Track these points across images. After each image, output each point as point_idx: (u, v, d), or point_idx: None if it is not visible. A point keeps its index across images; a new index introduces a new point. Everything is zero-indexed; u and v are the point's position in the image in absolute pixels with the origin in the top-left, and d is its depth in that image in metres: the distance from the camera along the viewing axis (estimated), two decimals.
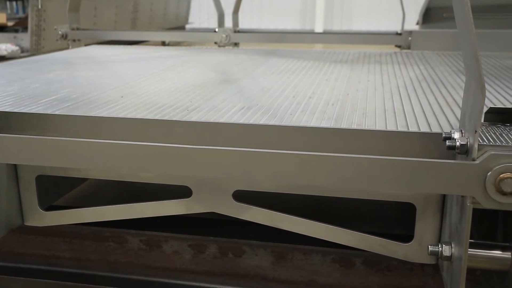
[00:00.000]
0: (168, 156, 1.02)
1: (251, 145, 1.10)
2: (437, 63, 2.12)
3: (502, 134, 0.93)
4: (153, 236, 1.41)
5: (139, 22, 5.06)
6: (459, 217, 0.93)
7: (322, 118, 1.22)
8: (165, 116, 1.24)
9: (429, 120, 1.19)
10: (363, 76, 1.82)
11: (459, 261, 0.92)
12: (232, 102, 1.40)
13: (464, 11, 0.83)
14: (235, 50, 2.89)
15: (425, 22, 3.24)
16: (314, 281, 1.33)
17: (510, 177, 0.84)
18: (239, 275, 1.32)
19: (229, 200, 1.13)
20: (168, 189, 1.32)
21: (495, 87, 1.57)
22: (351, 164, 0.93)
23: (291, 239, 1.34)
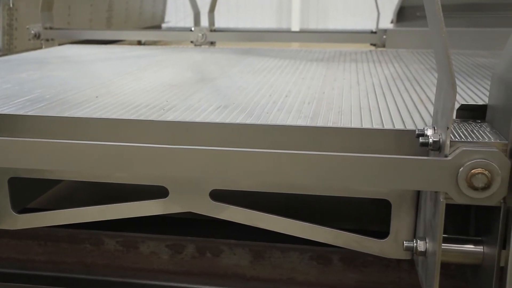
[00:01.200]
0: (143, 156, 1.01)
1: (227, 144, 1.10)
2: (411, 61, 2.15)
3: (473, 130, 0.95)
4: (130, 237, 1.40)
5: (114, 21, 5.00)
6: (432, 212, 0.95)
7: (298, 117, 1.23)
8: (141, 116, 1.23)
9: (404, 118, 1.21)
10: (339, 75, 1.84)
11: (433, 256, 0.93)
12: (208, 101, 1.40)
13: (434, 10, 0.84)
14: (211, 49, 2.88)
15: (399, 21, 3.28)
16: (293, 279, 1.34)
17: (481, 173, 0.86)
18: (217, 275, 1.32)
19: (206, 200, 1.13)
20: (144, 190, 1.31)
21: (468, 84, 1.60)
22: (327, 162, 0.93)
23: (269, 237, 1.35)
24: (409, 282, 1.35)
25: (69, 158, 1.03)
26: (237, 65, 2.09)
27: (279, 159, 0.96)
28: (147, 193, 1.32)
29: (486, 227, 0.95)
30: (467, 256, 0.98)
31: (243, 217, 1.14)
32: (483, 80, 1.64)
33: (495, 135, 0.91)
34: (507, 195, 0.87)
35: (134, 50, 2.65)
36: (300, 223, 1.11)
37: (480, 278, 0.97)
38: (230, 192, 1.15)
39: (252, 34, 3.36)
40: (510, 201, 0.87)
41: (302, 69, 1.98)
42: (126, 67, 2.02)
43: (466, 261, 0.99)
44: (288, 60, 2.21)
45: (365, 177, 0.91)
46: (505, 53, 0.97)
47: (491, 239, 0.92)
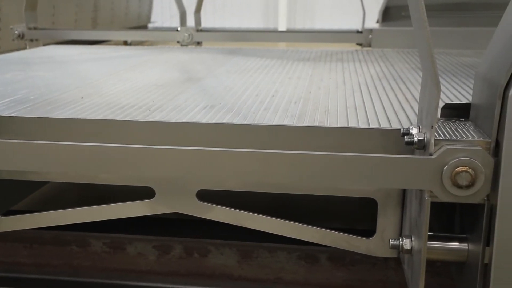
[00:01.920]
0: (129, 157, 1.01)
1: (214, 144, 1.10)
2: (396, 61, 2.16)
3: (457, 129, 0.96)
4: (116, 239, 1.39)
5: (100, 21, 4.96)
6: (418, 211, 0.96)
7: (284, 116, 1.23)
8: (127, 116, 1.23)
9: (389, 117, 1.22)
10: (325, 74, 1.84)
11: (419, 253, 0.94)
12: (195, 101, 1.39)
13: (418, 10, 0.85)
14: (197, 49, 2.88)
15: (384, 21, 3.30)
16: (280, 278, 1.34)
17: (465, 171, 0.87)
18: (205, 275, 1.32)
19: (193, 200, 1.12)
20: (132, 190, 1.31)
21: (452, 83, 1.62)
22: (313, 161, 0.94)
23: (256, 237, 1.35)
24: (395, 280, 1.36)
25: (55, 159, 1.02)
26: (223, 65, 2.09)
27: (265, 159, 0.96)
28: (134, 193, 1.32)
29: (470, 224, 0.96)
30: (452, 254, 0.99)
31: (230, 217, 1.14)
32: (468, 79, 1.66)
33: (478, 134, 0.92)
34: (491, 193, 0.88)
35: (120, 50, 2.64)
36: (287, 223, 1.11)
37: (465, 275, 0.98)
38: (217, 192, 1.15)
39: (239, 34, 3.36)
40: (493, 199, 0.88)
41: (289, 68, 1.99)
42: (112, 68, 2.01)
43: (451, 258, 1.00)
44: (275, 60, 2.21)
45: (350, 176, 0.92)
46: (487, 53, 0.98)
47: (476, 236, 0.93)
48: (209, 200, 1.13)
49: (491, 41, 0.97)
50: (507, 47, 0.88)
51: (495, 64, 0.91)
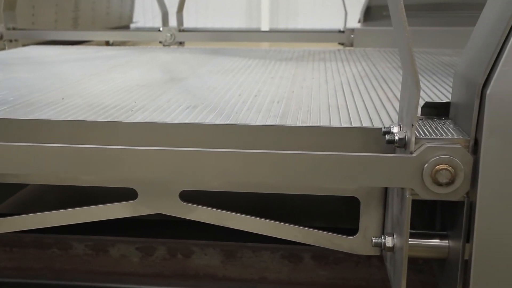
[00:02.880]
0: (111, 158, 1.00)
1: (197, 145, 1.09)
2: (378, 60, 2.18)
3: (437, 127, 0.97)
4: (99, 241, 1.38)
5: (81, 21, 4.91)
6: (399, 208, 0.97)
7: (267, 116, 1.23)
8: (109, 117, 1.22)
9: (371, 116, 1.23)
10: (307, 74, 1.85)
11: (401, 251, 0.95)
12: (177, 101, 1.39)
13: (398, 10, 0.86)
14: (180, 49, 2.86)
15: (366, 20, 3.33)
16: (265, 277, 1.35)
17: (445, 169, 0.88)
18: (189, 276, 1.32)
19: (175, 201, 1.12)
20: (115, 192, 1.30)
21: (433, 82, 1.64)
22: (295, 160, 0.94)
23: (240, 237, 1.35)
24: (379, 277, 1.37)
25: (35, 161, 1.01)
26: (206, 65, 2.08)
27: (248, 159, 0.96)
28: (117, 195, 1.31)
29: (451, 221, 0.98)
30: (433, 251, 1.00)
31: (213, 217, 1.14)
32: (448, 78, 1.68)
33: (458, 132, 0.94)
34: (470, 190, 0.90)
35: (102, 50, 2.62)
36: (270, 222, 1.11)
37: (446, 271, 1.00)
38: (201, 193, 1.15)
39: (222, 34, 3.35)
40: (473, 196, 0.89)
41: (272, 68, 1.99)
42: (93, 68, 1.99)
43: (432, 255, 1.01)
44: (258, 60, 2.22)
45: (332, 175, 0.92)
46: (466, 52, 0.99)
47: (456, 233, 0.94)
48: (192, 201, 1.13)
49: (469, 41, 0.99)
50: (485, 46, 0.89)
51: (473, 63, 0.92)
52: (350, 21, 3.36)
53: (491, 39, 0.87)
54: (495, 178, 0.86)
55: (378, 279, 1.37)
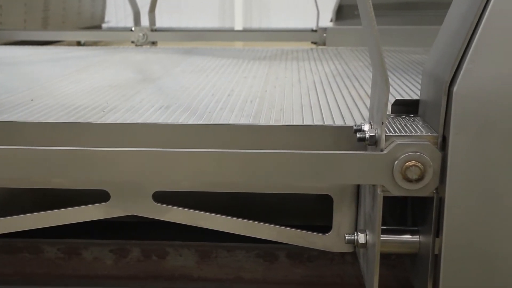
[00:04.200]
0: (82, 160, 0.99)
1: (170, 145, 1.09)
2: (350, 59, 2.20)
3: (407, 124, 0.98)
4: (71, 244, 1.36)
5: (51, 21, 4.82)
6: (371, 205, 0.98)
7: (241, 116, 1.23)
8: (80, 118, 1.20)
9: (344, 114, 1.24)
10: (280, 73, 1.86)
11: (373, 247, 0.96)
12: (150, 101, 1.38)
13: (366, 9, 0.87)
14: (153, 49, 2.84)
15: (338, 19, 3.36)
16: (240, 277, 1.35)
17: (414, 165, 0.89)
18: (164, 277, 1.31)
19: (149, 202, 1.11)
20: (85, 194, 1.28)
21: (403, 80, 1.66)
22: (268, 159, 0.94)
23: (215, 237, 1.35)
24: (353, 274, 1.39)
25: (3, 164, 0.99)
26: (179, 64, 2.07)
27: (220, 159, 0.96)
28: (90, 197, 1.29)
29: (421, 217, 0.99)
30: (404, 246, 1.01)
31: (187, 218, 1.13)
32: (418, 76, 1.71)
33: (426, 129, 0.95)
34: (439, 186, 0.91)
35: (73, 51, 2.58)
36: (244, 222, 1.12)
37: (417, 266, 1.01)
38: (174, 193, 1.14)
39: (195, 34, 3.34)
40: (442, 192, 0.91)
41: (245, 68, 1.99)
42: (64, 69, 1.96)
43: (404, 250, 1.03)
44: (231, 59, 2.21)
45: (305, 173, 0.93)
46: (433, 50, 1.01)
47: (426, 228, 0.96)
48: (167, 202, 1.12)
49: (436, 39, 1.01)
50: (451, 45, 0.91)
51: (440, 61, 0.94)
52: (323, 20, 3.39)
53: (456, 38, 0.89)
54: (463, 173, 0.88)
55: (352, 276, 1.38)
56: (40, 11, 4.51)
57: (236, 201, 1.72)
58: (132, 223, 1.45)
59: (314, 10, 3.45)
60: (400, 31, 2.75)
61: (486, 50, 0.85)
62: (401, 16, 3.20)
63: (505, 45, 0.86)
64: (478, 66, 0.86)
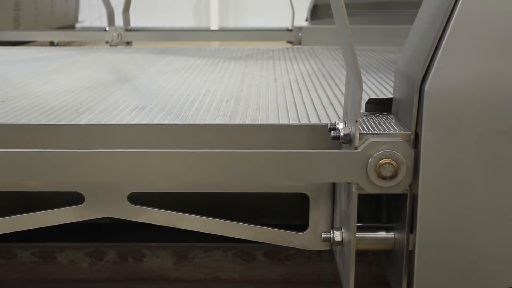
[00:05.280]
0: (56, 162, 0.97)
1: (145, 146, 1.08)
2: (326, 58, 2.22)
3: (380, 122, 1.00)
4: (46, 248, 1.34)
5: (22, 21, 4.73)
6: (347, 203, 0.99)
7: (216, 115, 1.23)
8: (52, 120, 1.18)
9: (319, 112, 1.25)
10: (256, 72, 1.86)
11: (349, 244, 0.97)
12: (125, 102, 1.37)
13: (339, 8, 0.88)
14: (127, 49, 2.82)
15: (313, 19, 3.38)
16: (218, 277, 1.35)
17: (388, 163, 0.91)
18: (141, 279, 1.30)
19: (124, 204, 1.10)
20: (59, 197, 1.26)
21: (378, 79, 1.68)
22: (244, 159, 0.94)
23: (192, 237, 1.34)
24: (330, 271, 1.40)
25: None
26: (154, 64, 2.05)
27: (196, 159, 0.95)
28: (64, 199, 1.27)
29: (395, 214, 1.01)
30: (379, 243, 1.03)
31: (163, 219, 1.12)
32: (392, 75, 1.73)
33: (399, 126, 0.97)
34: (413, 183, 0.93)
35: (46, 51, 2.53)
36: (221, 221, 1.11)
37: (392, 262, 1.03)
38: (150, 194, 1.14)
39: (170, 34, 3.32)
40: (415, 188, 0.92)
41: (221, 67, 1.99)
42: (36, 69, 1.93)
43: (379, 247, 1.04)
44: (207, 59, 2.21)
45: (280, 172, 0.93)
46: (405, 49, 1.03)
47: (400, 225, 0.97)
48: (140, 203, 1.12)
49: (408, 38, 1.02)
50: (422, 44, 0.92)
51: (411, 60, 0.95)
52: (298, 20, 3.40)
53: (427, 37, 0.90)
54: (435, 170, 0.89)
55: (329, 273, 1.39)
56: (11, 10, 4.42)
57: (213, 201, 1.72)
58: (107, 225, 1.43)
59: (289, 10, 3.46)
60: (375, 30, 2.78)
61: (455, 49, 0.87)
62: (376, 15, 3.23)
63: (473, 44, 0.87)
64: (448, 65, 0.87)
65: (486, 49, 0.87)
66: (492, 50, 0.87)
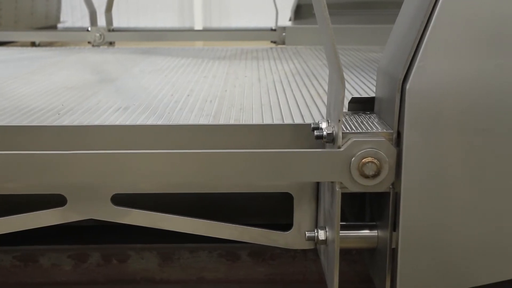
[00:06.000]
0: (37, 164, 0.96)
1: (129, 147, 1.07)
2: (309, 57, 2.22)
3: (363, 121, 1.00)
4: (28, 251, 1.32)
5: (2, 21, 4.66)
6: (330, 202, 0.99)
7: (200, 115, 1.23)
8: (34, 121, 1.17)
9: (303, 112, 1.25)
10: (240, 72, 1.86)
11: (333, 243, 0.98)
12: (107, 103, 1.36)
13: (321, 8, 0.88)
14: (110, 49, 2.79)
15: (297, 19, 3.39)
16: (203, 277, 1.34)
17: (371, 161, 0.91)
18: (125, 281, 1.29)
19: (107, 205, 1.09)
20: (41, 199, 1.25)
21: (361, 78, 1.69)
22: (227, 159, 0.94)
23: (177, 238, 1.34)
24: (315, 270, 1.40)
25: None
26: (138, 65, 2.04)
27: (179, 159, 0.95)
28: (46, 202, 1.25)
29: (379, 212, 1.01)
30: (363, 241, 1.03)
31: (147, 220, 1.12)
32: (375, 74, 1.74)
33: (382, 125, 0.97)
34: (395, 181, 0.93)
35: (27, 52, 2.50)
36: (205, 222, 1.11)
37: (376, 260, 1.04)
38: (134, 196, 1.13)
39: (154, 34, 3.30)
40: (397, 187, 0.93)
41: (205, 67, 1.98)
42: (17, 70, 1.90)
43: (363, 245, 1.04)
44: (191, 59, 2.20)
45: (263, 172, 0.93)
46: (387, 48, 1.03)
47: (384, 223, 0.98)
48: (124, 204, 1.11)
49: (390, 38, 1.03)
50: (403, 43, 0.93)
51: (393, 59, 0.96)
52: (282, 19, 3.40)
53: (408, 37, 0.91)
54: (417, 168, 0.90)
55: (314, 272, 1.40)
56: None
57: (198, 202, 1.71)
58: (91, 227, 1.42)
59: (273, 10, 3.47)
60: (358, 30, 2.80)
61: (436, 48, 0.88)
62: (359, 15, 3.25)
63: (453, 44, 0.88)
64: (429, 64, 0.88)
65: (465, 49, 0.88)
66: (471, 50, 0.89)
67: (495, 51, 0.88)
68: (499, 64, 0.88)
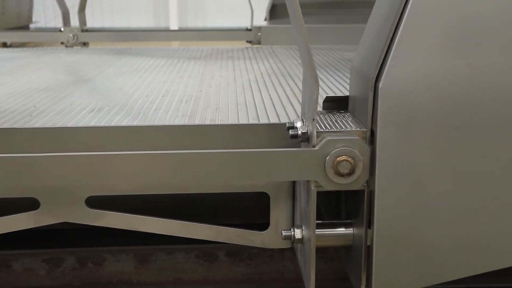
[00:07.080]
0: (9, 167, 0.94)
1: (103, 148, 1.06)
2: (285, 57, 2.23)
3: (337, 120, 1.01)
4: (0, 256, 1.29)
5: None
6: (306, 201, 1.00)
7: (176, 116, 1.22)
8: (4, 123, 1.15)
9: (278, 112, 1.26)
10: (216, 72, 1.86)
11: (309, 242, 0.98)
12: (81, 104, 1.34)
13: (293, 7, 0.89)
14: (84, 50, 2.76)
15: (272, 18, 3.40)
16: (180, 279, 1.34)
17: (345, 160, 0.92)
18: (101, 284, 1.28)
19: (82, 208, 1.08)
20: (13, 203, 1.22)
21: (336, 77, 1.71)
22: (202, 159, 0.94)
23: (154, 240, 1.33)
24: (292, 269, 1.41)
25: None
26: (112, 65, 2.02)
27: (154, 160, 0.94)
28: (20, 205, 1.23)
29: (354, 210, 1.02)
30: (339, 239, 1.04)
31: (122, 222, 1.11)
32: (349, 73, 1.76)
33: (356, 124, 0.98)
34: (369, 179, 0.94)
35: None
36: (181, 223, 1.11)
37: (351, 258, 1.05)
38: (109, 198, 1.12)
39: (128, 34, 3.26)
40: (372, 184, 0.94)
41: (180, 67, 1.97)
42: None
43: (339, 243, 1.05)
44: (166, 59, 2.19)
45: (239, 172, 0.93)
46: (360, 47, 1.04)
47: (359, 220, 0.99)
48: (99, 206, 1.09)
49: (363, 37, 1.04)
50: (376, 42, 0.94)
51: (366, 58, 0.97)
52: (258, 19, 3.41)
53: (380, 36, 0.92)
54: (390, 166, 0.92)
55: (292, 271, 1.41)
56: None
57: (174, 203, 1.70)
58: (66, 230, 1.40)
59: (248, 10, 3.47)
60: (332, 29, 2.82)
61: (407, 47, 0.89)
62: (334, 14, 3.27)
63: (424, 42, 0.90)
64: (401, 63, 0.89)
65: (436, 48, 0.90)
66: (442, 49, 0.90)
67: (466, 50, 0.90)
68: (470, 63, 0.90)
